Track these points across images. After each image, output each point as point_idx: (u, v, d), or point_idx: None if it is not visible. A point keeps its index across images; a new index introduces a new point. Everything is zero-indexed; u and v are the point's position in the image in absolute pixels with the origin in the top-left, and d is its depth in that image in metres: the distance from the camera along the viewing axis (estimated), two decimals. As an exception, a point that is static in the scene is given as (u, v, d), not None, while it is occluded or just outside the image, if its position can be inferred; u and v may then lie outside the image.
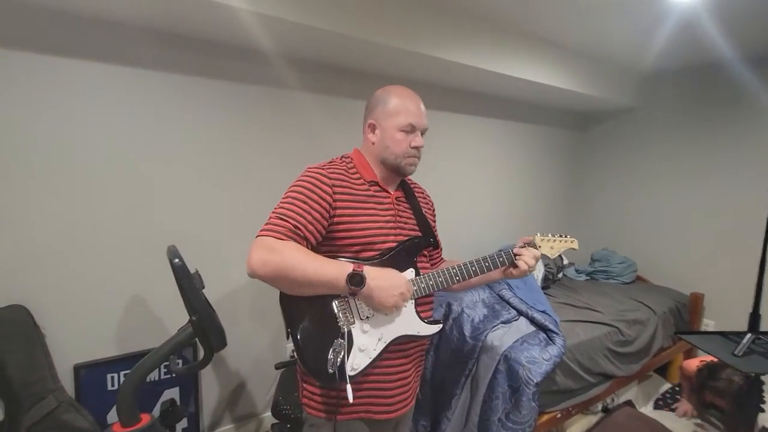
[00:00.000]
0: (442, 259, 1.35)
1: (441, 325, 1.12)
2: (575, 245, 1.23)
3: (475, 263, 1.12)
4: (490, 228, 3.18)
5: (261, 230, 0.96)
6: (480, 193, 3.11)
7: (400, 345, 1.07)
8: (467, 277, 1.11)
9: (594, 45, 2.58)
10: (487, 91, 2.83)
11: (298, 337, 0.99)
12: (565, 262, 3.12)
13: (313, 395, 1.06)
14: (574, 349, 2.02)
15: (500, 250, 1.17)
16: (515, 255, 1.14)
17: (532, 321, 2.10)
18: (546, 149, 3.49)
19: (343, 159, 1.12)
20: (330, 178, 1.03)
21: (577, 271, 3.25)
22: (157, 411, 1.75)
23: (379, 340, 1.02)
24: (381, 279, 0.96)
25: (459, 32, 2.14)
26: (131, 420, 1.31)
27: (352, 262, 0.99)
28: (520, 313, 2.19)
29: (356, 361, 1.00)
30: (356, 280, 0.93)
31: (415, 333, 1.06)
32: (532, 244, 1.18)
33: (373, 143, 1.11)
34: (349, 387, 0.95)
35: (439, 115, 2.76)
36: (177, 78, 1.81)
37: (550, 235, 1.21)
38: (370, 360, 1.01)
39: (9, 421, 1.51)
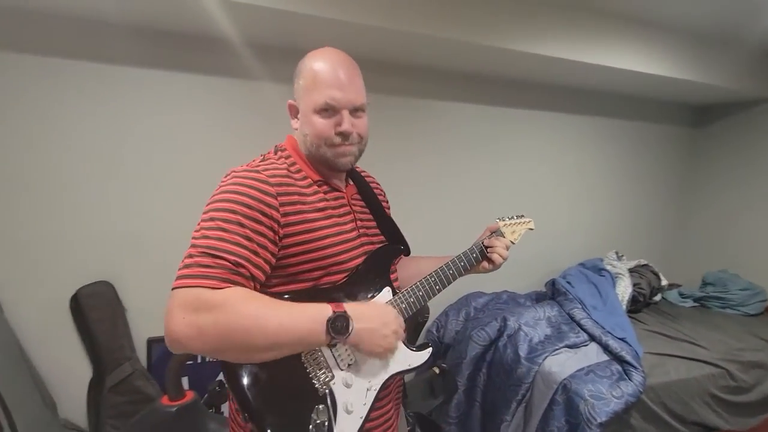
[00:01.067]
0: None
1: (431, 349, 0.89)
2: (532, 225, 1.11)
3: (451, 265, 0.94)
4: (566, 241, 2.81)
5: (182, 278, 0.65)
6: (555, 201, 2.78)
7: (386, 388, 0.85)
8: (447, 283, 0.94)
9: (710, 21, 2.11)
10: (567, 83, 2.51)
11: (259, 419, 0.70)
12: (664, 282, 2.62)
13: None
14: (661, 390, 1.67)
15: (473, 245, 1.01)
16: (486, 247, 0.99)
17: (606, 349, 1.80)
18: (645, 149, 2.98)
19: (280, 153, 0.83)
20: (272, 185, 0.74)
21: (681, 295, 2.71)
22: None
23: (368, 390, 0.79)
24: (368, 319, 0.74)
25: (530, 19, 1.92)
26: (177, 395, 1.43)
27: (329, 300, 0.73)
28: (592, 338, 1.90)
29: (345, 428, 0.75)
30: (339, 325, 0.69)
31: (407, 367, 0.84)
32: (498, 233, 1.03)
33: (295, 130, 0.85)
34: None
35: (505, 111, 2.53)
36: (253, 84, 1.92)
37: (507, 219, 1.07)
38: (362, 420, 0.77)
39: (96, 380, 1.77)
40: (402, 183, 2.30)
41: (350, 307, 0.73)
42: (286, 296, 0.76)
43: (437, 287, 0.91)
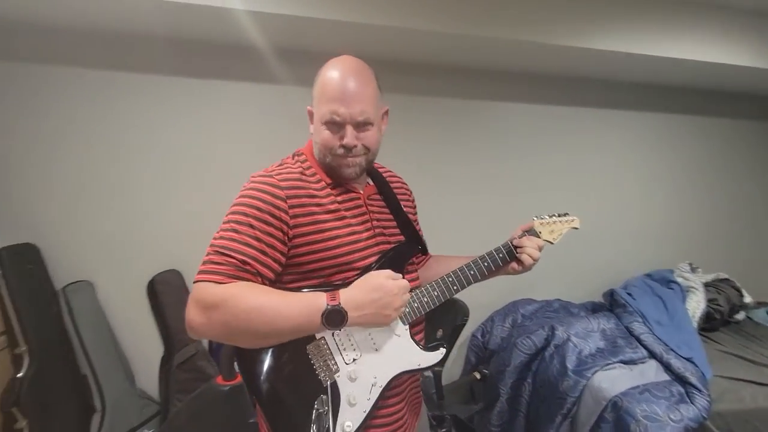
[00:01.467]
0: (429, 255, 1.11)
1: (445, 350, 0.89)
2: (577, 224, 1.04)
3: (473, 266, 0.92)
4: (631, 249, 2.60)
5: (198, 273, 0.73)
6: (620, 204, 2.58)
7: (395, 385, 0.86)
8: (466, 284, 0.92)
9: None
10: (632, 78, 2.33)
11: (267, 403, 0.77)
12: (748, 299, 2.32)
13: None
14: (731, 417, 1.50)
15: (500, 245, 0.97)
16: (516, 247, 0.95)
17: (668, 368, 1.65)
18: (725, 147, 2.66)
19: (296, 157, 0.88)
20: (282, 188, 0.79)
21: (772, 314, 2.38)
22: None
23: (372, 386, 0.80)
24: (364, 304, 0.75)
25: (591, 14, 1.82)
26: (229, 376, 1.58)
27: (325, 290, 0.76)
28: (652, 355, 1.75)
29: (347, 421, 0.78)
30: (334, 318, 0.72)
31: (416, 367, 0.84)
32: (532, 232, 0.98)
33: (311, 135, 0.87)
34: None
35: (567, 110, 2.41)
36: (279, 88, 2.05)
37: (547, 217, 1.01)
38: (365, 414, 0.79)
39: (166, 358, 1.99)
40: (459, 184, 2.30)
41: (345, 296, 0.74)
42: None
43: (454, 287, 0.90)
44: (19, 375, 1.63)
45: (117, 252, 1.92)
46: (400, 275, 0.83)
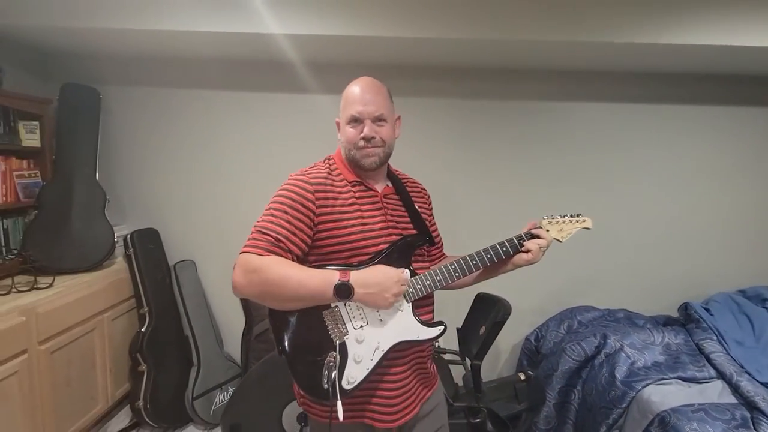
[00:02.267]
0: (444, 255, 1.23)
1: (443, 327, 1.01)
2: (589, 224, 1.09)
3: (475, 256, 1.02)
4: (719, 261, 2.32)
5: (243, 247, 0.91)
6: (705, 211, 2.32)
7: (398, 352, 0.99)
8: (468, 272, 1.02)
9: None
10: (722, 70, 2.09)
11: (290, 353, 0.94)
12: None
13: (312, 402, 1.01)
14: (812, 455, 1.31)
15: (504, 240, 1.04)
16: (519, 240, 1.04)
17: (736, 390, 1.50)
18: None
19: (327, 161, 1.07)
20: (311, 184, 0.97)
21: None
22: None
23: (376, 349, 0.95)
24: (369, 285, 0.90)
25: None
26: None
27: (339, 269, 0.92)
28: (721, 375, 1.59)
29: (352, 374, 0.93)
30: (343, 291, 0.88)
31: (415, 338, 0.98)
32: (538, 228, 1.07)
33: (340, 141, 1.06)
34: (339, 405, 0.88)
35: (639, 107, 2.26)
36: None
37: (558, 216, 1.09)
38: (368, 371, 0.94)
39: (247, 329, 2.35)
40: (514, 183, 2.32)
41: (355, 275, 0.90)
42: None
43: (456, 274, 1.01)
44: (142, 329, 2.10)
45: (214, 237, 2.34)
46: (406, 270, 0.97)
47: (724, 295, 2.08)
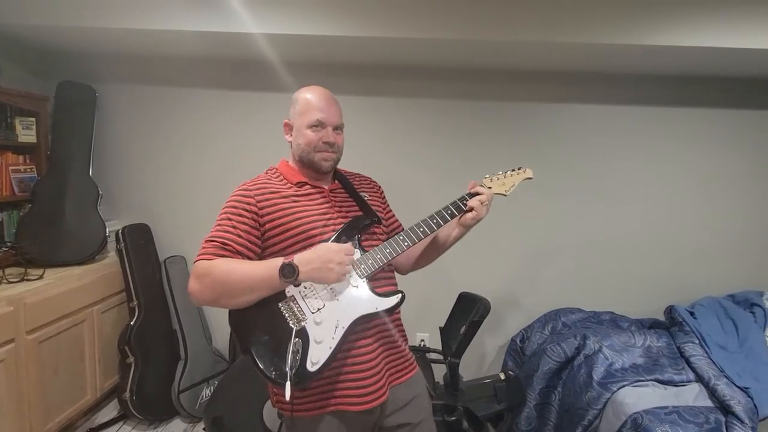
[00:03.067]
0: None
1: (401, 294, 1.03)
2: (529, 174, 1.14)
3: (422, 223, 1.05)
4: (710, 265, 2.29)
5: (195, 258, 0.96)
6: (696, 214, 2.30)
7: (361, 327, 1.00)
8: (416, 239, 1.04)
9: None
10: (704, 72, 2.08)
11: (253, 351, 0.94)
12: None
13: (279, 391, 0.98)
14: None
15: (448, 203, 1.07)
16: (463, 200, 1.07)
17: (713, 393, 1.48)
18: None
19: (268, 172, 1.12)
20: (251, 189, 1.02)
21: None
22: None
23: (336, 327, 0.96)
24: (312, 261, 0.93)
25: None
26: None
27: (284, 256, 0.95)
28: (700, 379, 1.58)
29: (315, 355, 0.93)
30: (287, 270, 0.91)
31: (374, 310, 1.00)
32: (478, 185, 1.10)
33: (290, 143, 1.11)
34: (288, 386, 0.89)
35: (636, 110, 2.24)
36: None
37: (499, 173, 1.13)
38: (331, 351, 0.95)
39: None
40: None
41: (298, 256, 0.93)
42: None
43: (405, 243, 1.04)
44: (131, 323, 2.14)
45: (203, 234, 2.35)
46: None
47: (712, 299, 2.06)
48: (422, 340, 2.43)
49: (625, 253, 2.33)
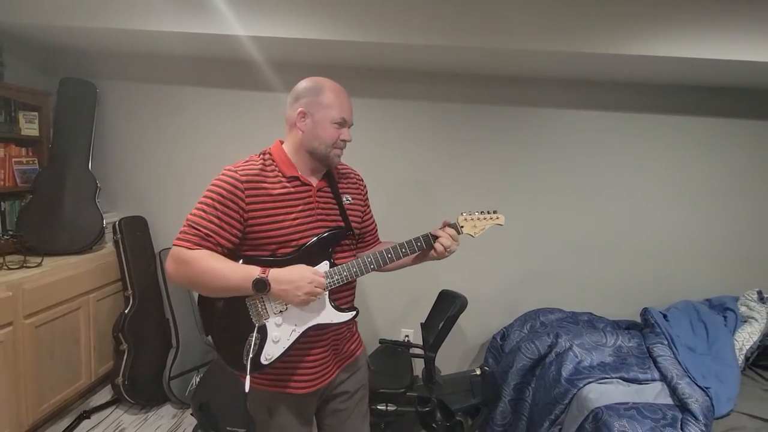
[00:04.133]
0: (378, 241, 1.33)
1: (355, 312, 1.12)
2: (501, 221, 1.18)
3: (391, 250, 1.12)
4: (691, 270, 2.34)
5: (175, 239, 0.99)
6: (679, 220, 2.35)
7: (316, 332, 1.08)
8: (382, 264, 1.11)
9: None
10: (687, 81, 2.12)
11: (216, 335, 1.06)
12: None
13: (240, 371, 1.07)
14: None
15: (419, 235, 1.14)
16: (433, 237, 1.13)
17: (674, 392, 1.54)
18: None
19: (262, 156, 1.09)
20: (242, 181, 1.01)
21: None
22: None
23: (293, 330, 1.05)
24: (284, 282, 0.97)
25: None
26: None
27: (261, 265, 0.99)
28: (663, 378, 1.63)
29: (269, 352, 1.03)
30: (260, 285, 0.95)
31: (329, 322, 1.08)
32: (453, 225, 1.16)
33: (302, 131, 1.08)
34: (248, 379, 0.99)
35: (619, 116, 2.29)
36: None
37: (475, 213, 1.17)
38: (284, 349, 1.04)
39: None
40: (496, 186, 2.39)
41: (273, 272, 0.97)
42: (241, 261, 1.03)
43: (372, 266, 1.10)
44: (126, 311, 2.23)
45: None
46: (324, 268, 1.06)
47: (687, 302, 2.11)
48: (407, 336, 2.50)
49: (608, 256, 2.39)
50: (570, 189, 2.37)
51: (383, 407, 1.71)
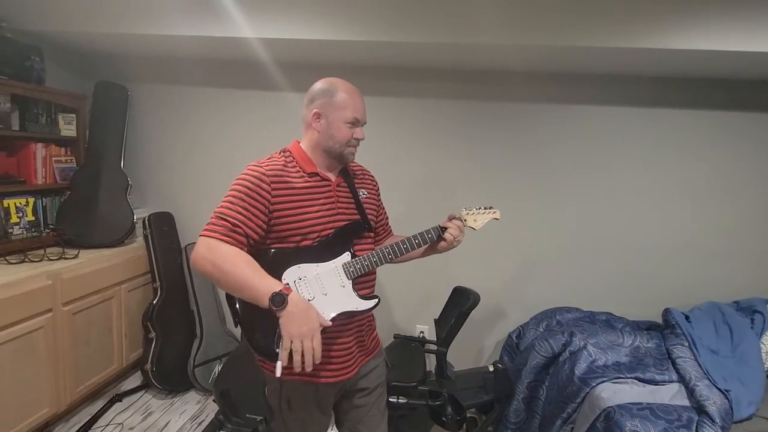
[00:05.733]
0: (391, 234, 1.40)
1: (377, 299, 1.16)
2: (497, 215, 1.27)
3: (406, 241, 1.19)
4: (720, 271, 2.25)
5: (203, 229, 1.00)
6: (708, 218, 2.26)
7: (341, 321, 1.12)
8: (399, 254, 1.18)
9: None
10: (725, 74, 2.04)
11: (245, 324, 1.05)
12: None
13: (266, 361, 1.12)
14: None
15: (430, 228, 1.23)
16: (442, 228, 1.21)
17: (691, 394, 1.50)
18: None
19: (283, 153, 1.15)
20: (268, 176, 1.05)
21: None
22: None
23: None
24: (296, 311, 0.95)
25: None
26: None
27: (288, 257, 1.05)
28: (682, 379, 1.59)
29: None
30: (277, 300, 0.93)
31: (354, 309, 1.12)
32: (457, 218, 1.24)
33: (318, 132, 1.13)
34: (279, 365, 0.97)
35: (651, 112, 2.23)
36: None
37: (474, 209, 1.26)
38: None
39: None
40: (510, 183, 2.38)
41: (293, 297, 0.96)
42: (272, 251, 1.09)
43: (390, 256, 1.16)
44: (154, 302, 2.36)
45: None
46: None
47: (712, 304, 2.04)
48: (422, 332, 2.53)
49: (630, 255, 2.33)
50: (591, 185, 2.32)
51: (395, 400, 1.74)
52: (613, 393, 1.51)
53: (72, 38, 2.24)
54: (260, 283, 0.96)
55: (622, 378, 1.59)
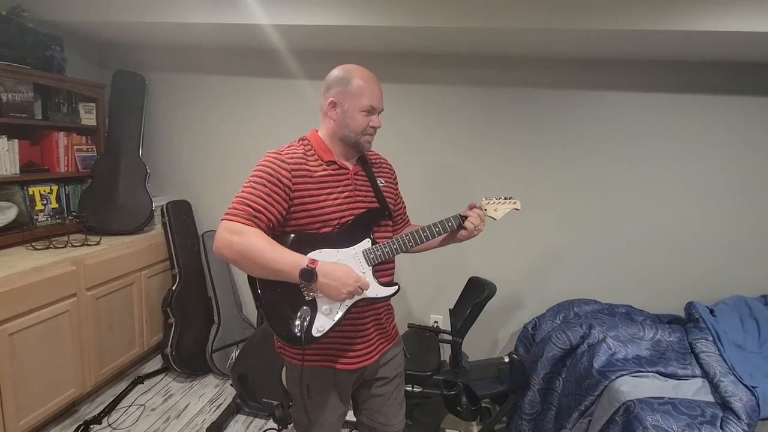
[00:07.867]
0: (408, 223, 1.39)
1: (397, 286, 1.15)
2: (518, 205, 1.24)
3: (426, 229, 1.17)
4: (748, 263, 2.17)
5: (225, 214, 1.00)
6: (737, 208, 2.18)
7: (360, 307, 1.12)
8: (419, 242, 1.17)
9: None
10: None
11: (267, 307, 1.06)
12: None
13: (286, 347, 1.15)
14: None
15: (450, 216, 1.21)
16: (462, 217, 1.19)
17: (716, 389, 1.46)
18: None
19: (301, 141, 1.15)
20: (288, 163, 1.06)
21: None
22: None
23: (341, 303, 1.08)
24: (330, 277, 0.99)
25: None
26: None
27: (321, 245, 1.05)
28: (705, 375, 1.55)
29: (321, 324, 1.06)
30: (307, 275, 0.96)
31: (374, 296, 1.11)
32: (478, 207, 1.22)
33: (333, 120, 1.13)
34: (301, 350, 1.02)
35: (674, 98, 2.14)
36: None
37: (494, 198, 1.24)
38: (334, 321, 1.07)
39: (263, 296, 2.59)
40: (526, 170, 2.33)
41: (321, 265, 0.99)
42: (292, 235, 1.07)
43: (410, 244, 1.15)
44: (173, 288, 2.41)
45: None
46: (366, 277, 1.08)
47: (739, 298, 1.97)
48: (435, 322, 2.52)
49: (652, 248, 2.27)
50: (612, 176, 2.25)
51: (410, 388, 1.75)
52: (634, 387, 1.48)
53: (91, 28, 2.25)
54: (287, 261, 0.98)
55: (643, 372, 1.56)
